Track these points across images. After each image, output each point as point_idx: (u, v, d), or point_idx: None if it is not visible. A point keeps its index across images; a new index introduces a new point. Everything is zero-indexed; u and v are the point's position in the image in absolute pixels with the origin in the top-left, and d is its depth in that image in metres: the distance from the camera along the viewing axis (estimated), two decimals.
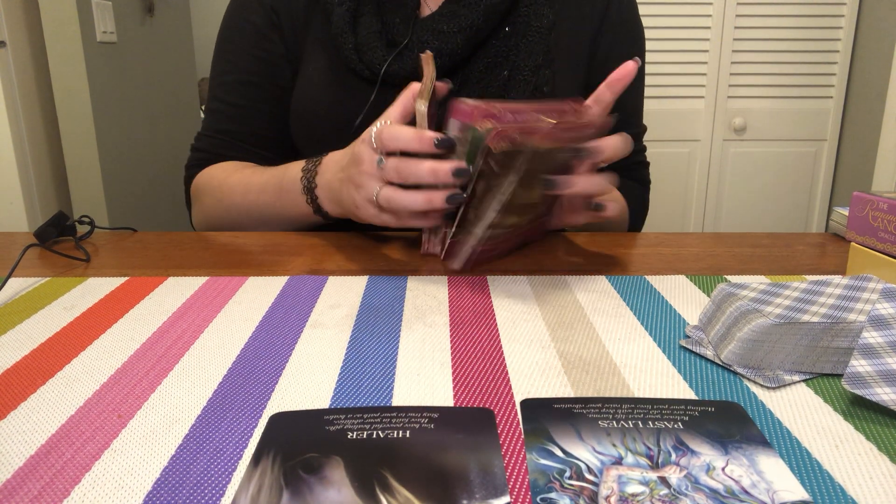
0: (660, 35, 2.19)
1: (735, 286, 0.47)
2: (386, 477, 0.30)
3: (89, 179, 1.95)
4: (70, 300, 0.52)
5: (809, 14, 2.18)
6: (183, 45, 2.56)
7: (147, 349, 0.44)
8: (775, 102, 2.26)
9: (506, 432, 0.34)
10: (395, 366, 0.41)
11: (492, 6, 0.74)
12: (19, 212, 1.83)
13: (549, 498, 0.29)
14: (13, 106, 1.77)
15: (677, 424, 0.34)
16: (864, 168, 2.16)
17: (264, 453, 0.32)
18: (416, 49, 0.75)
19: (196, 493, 0.29)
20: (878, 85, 2.09)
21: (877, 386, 0.35)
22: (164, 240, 0.70)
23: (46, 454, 0.32)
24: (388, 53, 0.75)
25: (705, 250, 0.66)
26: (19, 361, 0.42)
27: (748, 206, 2.36)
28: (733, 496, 0.29)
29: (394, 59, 0.74)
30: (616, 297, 0.53)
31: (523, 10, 0.77)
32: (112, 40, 2.02)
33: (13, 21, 1.76)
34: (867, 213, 0.62)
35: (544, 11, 0.77)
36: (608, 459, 0.31)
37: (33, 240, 0.67)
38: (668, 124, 2.27)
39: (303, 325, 0.47)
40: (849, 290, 0.43)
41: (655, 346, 0.44)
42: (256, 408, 0.36)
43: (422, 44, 0.75)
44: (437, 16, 0.76)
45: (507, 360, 0.42)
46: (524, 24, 0.77)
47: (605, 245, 0.67)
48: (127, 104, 2.11)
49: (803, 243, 0.68)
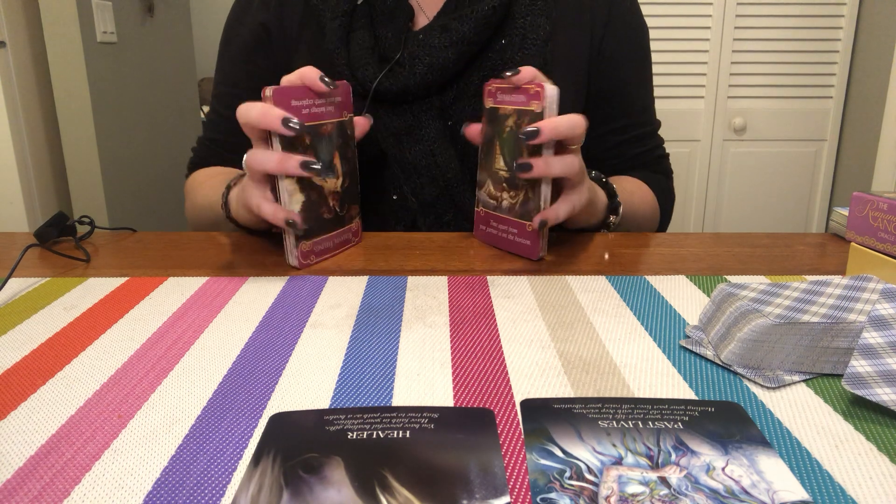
0: (660, 35, 2.19)
1: (735, 286, 0.47)
2: (386, 477, 0.30)
3: (89, 179, 1.95)
4: (70, 300, 0.52)
5: (809, 14, 2.18)
6: (183, 45, 2.56)
7: (147, 349, 0.44)
8: (775, 102, 2.26)
9: (506, 432, 0.34)
10: (395, 366, 0.41)
11: (483, 19, 0.73)
12: (19, 212, 1.83)
13: (549, 498, 0.29)
14: (13, 106, 1.77)
15: (677, 424, 0.34)
16: (864, 168, 2.16)
17: (264, 453, 0.32)
18: (408, 64, 0.74)
19: (196, 493, 0.29)
20: (878, 85, 2.09)
21: (877, 386, 0.35)
22: (164, 240, 0.70)
23: (46, 454, 0.32)
24: (380, 69, 0.74)
25: (705, 250, 0.66)
26: (19, 361, 0.42)
27: (748, 206, 2.36)
28: (733, 496, 0.29)
29: (385, 75, 0.74)
30: (616, 297, 0.53)
31: (519, 22, 0.76)
32: (112, 40, 2.02)
33: (13, 21, 1.76)
34: (867, 213, 0.62)
35: (541, 22, 0.76)
36: (608, 459, 0.31)
37: (33, 240, 0.67)
38: (668, 124, 2.26)
39: (303, 325, 0.47)
40: (849, 291, 0.43)
41: (655, 346, 0.44)
42: (256, 408, 0.36)
43: (413, 59, 0.74)
44: (428, 30, 0.75)
45: (507, 360, 0.42)
46: (520, 36, 0.76)
47: (606, 245, 0.67)
48: (127, 104, 2.11)
49: (803, 243, 0.68)
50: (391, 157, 0.77)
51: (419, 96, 0.75)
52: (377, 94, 0.74)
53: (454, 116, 0.76)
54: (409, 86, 0.74)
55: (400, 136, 0.76)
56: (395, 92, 0.74)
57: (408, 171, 0.77)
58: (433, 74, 0.74)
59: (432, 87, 0.75)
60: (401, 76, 0.74)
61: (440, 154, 0.76)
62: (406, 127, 0.76)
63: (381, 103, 0.76)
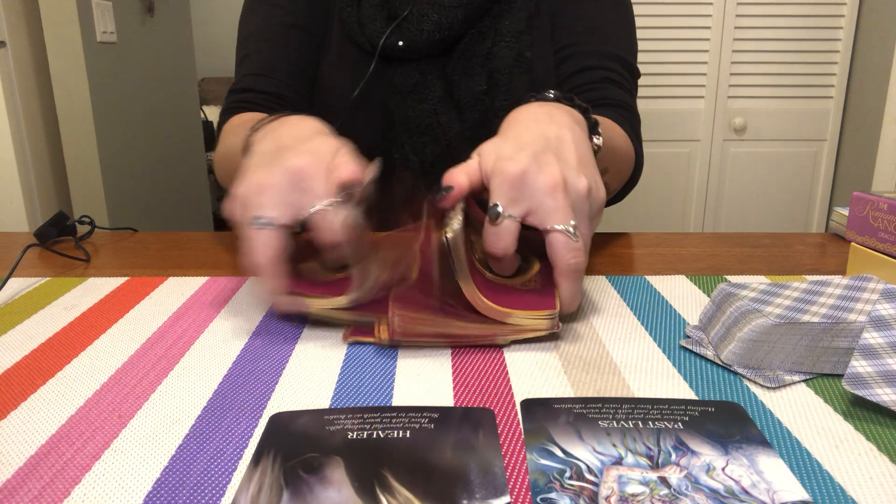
0: (660, 35, 2.19)
1: (735, 286, 0.47)
2: (386, 477, 0.30)
3: (89, 179, 1.95)
4: (70, 300, 0.52)
5: (809, 14, 2.18)
6: (183, 45, 2.56)
7: (147, 349, 0.44)
8: (775, 102, 2.26)
9: (506, 432, 0.34)
10: (395, 366, 0.41)
11: None
12: (19, 212, 1.83)
13: (549, 498, 0.29)
14: (13, 106, 1.77)
15: (677, 424, 0.34)
16: (864, 168, 2.16)
17: (264, 453, 0.32)
18: (416, 21, 0.75)
19: (196, 493, 0.29)
20: (878, 85, 2.09)
21: (877, 386, 0.35)
22: (164, 240, 0.70)
23: (46, 454, 0.32)
24: (388, 26, 0.75)
25: (705, 250, 0.66)
26: (19, 361, 0.42)
27: (748, 206, 2.36)
28: (733, 496, 0.29)
29: (392, 31, 0.75)
30: (616, 297, 0.53)
31: None
32: (112, 40, 2.02)
33: (13, 21, 1.76)
34: (867, 213, 0.62)
35: None
36: (608, 459, 0.31)
37: (33, 240, 0.67)
38: (668, 124, 2.27)
39: (303, 325, 0.47)
40: (849, 291, 0.43)
41: (655, 346, 0.44)
42: (256, 408, 0.36)
43: (421, 16, 0.75)
44: None
45: (507, 360, 0.42)
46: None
47: (605, 245, 0.67)
48: (127, 104, 2.11)
49: (803, 243, 0.68)
50: (396, 115, 0.78)
51: (425, 55, 0.77)
52: (384, 51, 0.76)
53: (455, 77, 0.78)
54: (416, 42, 0.75)
55: (405, 94, 0.78)
56: (402, 49, 0.75)
57: (411, 130, 0.78)
58: (440, 32, 0.75)
59: (437, 46, 0.76)
60: (408, 32, 0.75)
61: (443, 113, 0.77)
62: (411, 85, 0.77)
63: (389, 62, 0.77)
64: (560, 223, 0.42)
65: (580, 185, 0.44)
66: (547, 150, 0.44)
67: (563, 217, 0.42)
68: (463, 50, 0.77)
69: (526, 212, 0.43)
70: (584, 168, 0.45)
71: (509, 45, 0.76)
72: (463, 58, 0.77)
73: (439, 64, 0.77)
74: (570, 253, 0.43)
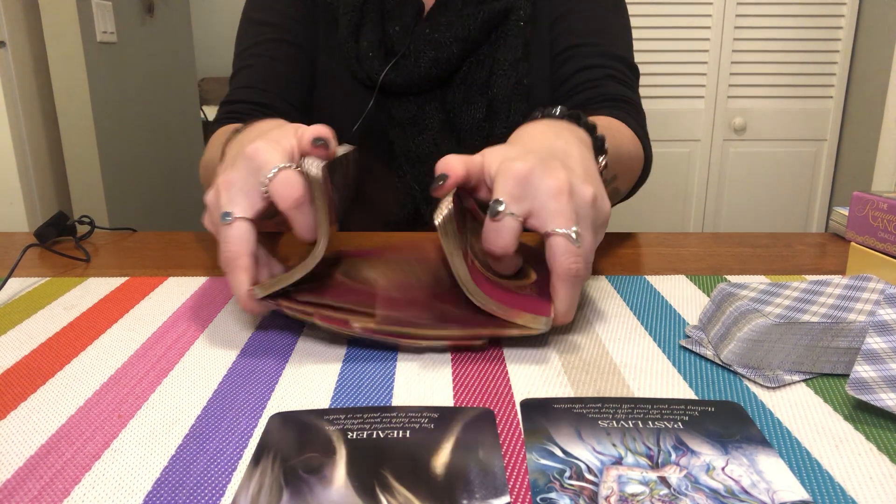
0: (660, 35, 2.19)
1: (735, 286, 0.47)
2: (386, 477, 0.30)
3: (89, 179, 1.95)
4: (70, 300, 0.52)
5: (809, 14, 2.18)
6: (183, 45, 2.56)
7: (147, 349, 0.44)
8: (775, 102, 2.26)
9: (506, 432, 0.34)
10: (395, 366, 0.41)
11: (489, 20, 0.77)
12: (19, 212, 1.83)
13: (549, 498, 0.29)
14: (13, 106, 1.77)
15: (677, 424, 0.34)
16: (864, 168, 2.16)
17: (264, 453, 0.32)
18: (413, 57, 0.77)
19: (196, 493, 0.29)
20: (878, 85, 2.09)
21: (881, 391, 0.35)
22: (164, 240, 0.70)
23: (46, 454, 0.32)
24: (387, 62, 0.78)
25: (705, 250, 0.66)
26: (19, 361, 0.42)
27: (748, 206, 2.36)
28: (733, 496, 0.29)
29: (391, 67, 0.77)
30: (616, 297, 0.53)
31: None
32: (112, 40, 2.02)
33: (13, 21, 1.76)
34: (867, 213, 0.62)
35: (521, 3, 0.79)
36: (608, 459, 0.31)
37: (33, 240, 0.67)
38: (668, 124, 2.27)
39: (303, 325, 0.47)
40: (849, 290, 0.43)
41: (655, 346, 0.44)
42: (256, 408, 0.36)
43: (419, 53, 0.77)
44: (433, 25, 0.78)
45: (507, 360, 0.42)
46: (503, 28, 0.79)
47: (605, 245, 0.67)
48: (127, 104, 2.11)
49: (803, 243, 0.68)
50: (397, 146, 0.80)
51: (423, 89, 0.79)
52: (384, 86, 0.78)
53: (455, 106, 0.80)
54: (413, 78, 0.77)
55: (405, 127, 0.80)
56: (401, 84, 0.78)
57: (412, 160, 0.80)
58: (437, 68, 0.77)
59: (435, 80, 0.78)
60: (405, 69, 0.77)
61: (443, 143, 0.79)
62: (411, 118, 0.79)
63: (388, 95, 0.79)
64: (562, 227, 0.41)
65: (586, 193, 0.42)
66: (554, 157, 0.44)
67: (566, 221, 0.41)
68: (462, 79, 0.79)
69: (528, 212, 0.42)
70: (590, 178, 0.44)
71: (507, 73, 0.78)
72: (463, 86, 0.79)
73: (438, 94, 0.80)
74: (571, 258, 0.41)
